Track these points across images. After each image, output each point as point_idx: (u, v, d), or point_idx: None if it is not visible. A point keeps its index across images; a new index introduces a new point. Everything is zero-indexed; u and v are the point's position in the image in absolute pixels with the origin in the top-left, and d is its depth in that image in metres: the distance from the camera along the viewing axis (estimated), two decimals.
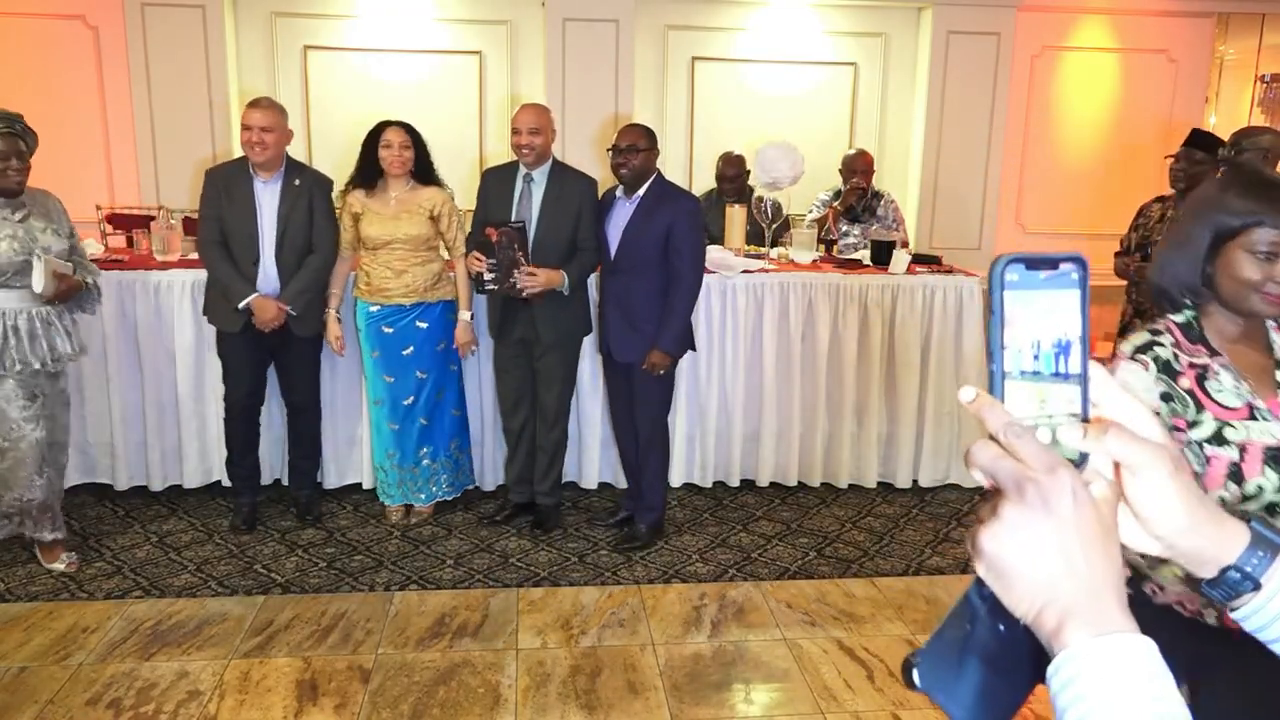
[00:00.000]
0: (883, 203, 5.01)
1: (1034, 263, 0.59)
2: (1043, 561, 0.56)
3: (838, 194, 5.04)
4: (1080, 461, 0.59)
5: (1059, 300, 0.59)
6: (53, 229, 3.31)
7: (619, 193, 3.64)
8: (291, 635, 3.09)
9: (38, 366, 3.26)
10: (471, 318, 3.82)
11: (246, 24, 5.44)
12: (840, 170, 4.94)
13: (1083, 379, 0.60)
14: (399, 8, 5.50)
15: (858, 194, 4.90)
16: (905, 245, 4.91)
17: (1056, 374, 0.59)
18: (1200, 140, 3.86)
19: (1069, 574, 0.56)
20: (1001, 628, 0.58)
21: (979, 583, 0.60)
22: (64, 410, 3.50)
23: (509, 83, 5.64)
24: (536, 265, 3.55)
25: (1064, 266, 0.59)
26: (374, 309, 3.75)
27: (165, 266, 3.97)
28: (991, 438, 0.59)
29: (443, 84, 5.62)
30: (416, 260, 3.71)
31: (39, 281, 3.18)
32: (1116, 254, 4.15)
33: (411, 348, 3.77)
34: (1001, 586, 0.58)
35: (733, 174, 4.80)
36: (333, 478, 4.19)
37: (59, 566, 3.48)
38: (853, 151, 5.02)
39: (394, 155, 3.63)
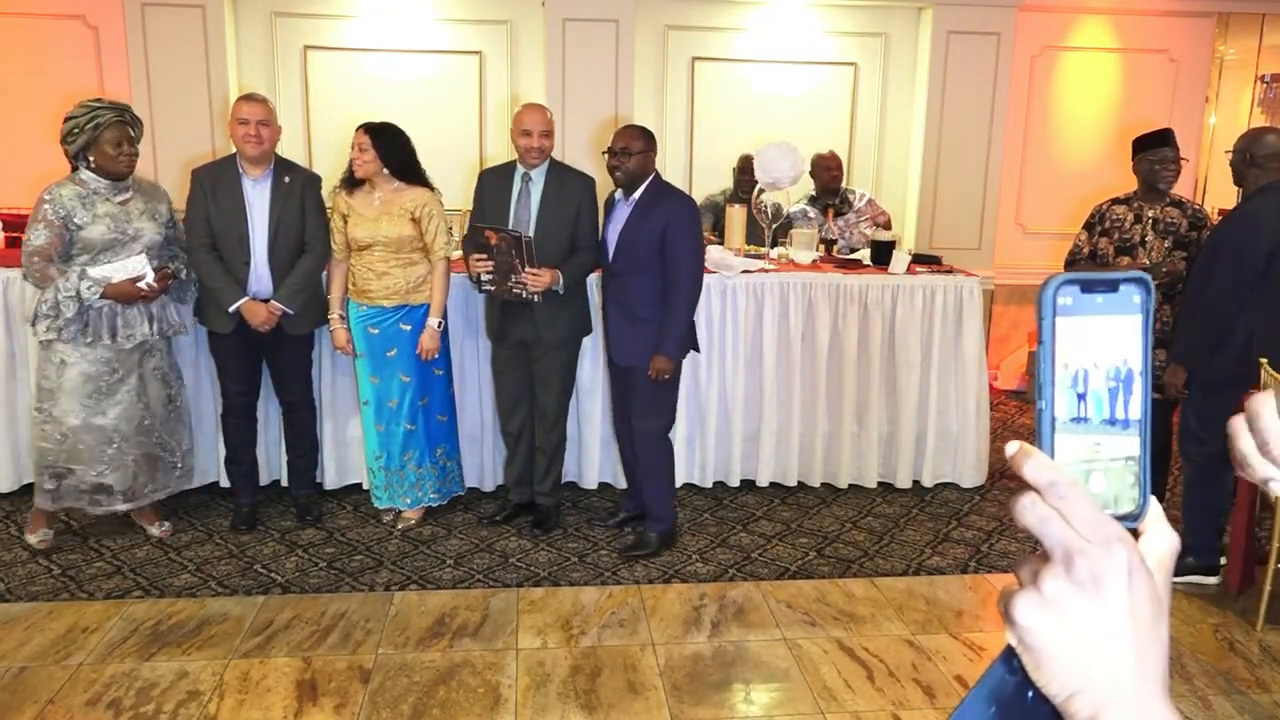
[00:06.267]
0: (855, 195, 5.09)
1: (1090, 285, 0.52)
2: (1084, 646, 0.50)
3: (812, 199, 5.11)
4: (1140, 512, 0.53)
5: (1117, 328, 0.52)
6: (149, 216, 3.51)
7: (618, 194, 3.64)
8: (291, 635, 3.09)
9: (107, 341, 3.45)
10: (439, 325, 3.73)
11: (246, 24, 5.44)
12: (811, 172, 5.00)
13: (1143, 421, 0.53)
14: (399, 8, 5.50)
15: (831, 192, 5.07)
16: (888, 226, 5.06)
17: (1113, 418, 0.52)
18: (1165, 140, 3.84)
19: (1112, 663, 0.50)
20: (1030, 695, 0.53)
21: (1009, 653, 0.53)
22: (158, 387, 3.65)
23: (509, 83, 5.64)
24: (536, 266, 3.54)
25: (1124, 288, 0.52)
26: (361, 309, 3.73)
27: None
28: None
29: (443, 84, 5.62)
30: (398, 262, 3.66)
31: (147, 275, 3.46)
32: (1069, 262, 4.07)
33: (395, 350, 3.74)
34: (1032, 662, 0.52)
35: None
36: (332, 478, 4.19)
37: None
38: (825, 152, 5.14)
39: (354, 156, 3.61)
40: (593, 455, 4.27)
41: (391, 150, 3.61)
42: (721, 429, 4.31)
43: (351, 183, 3.68)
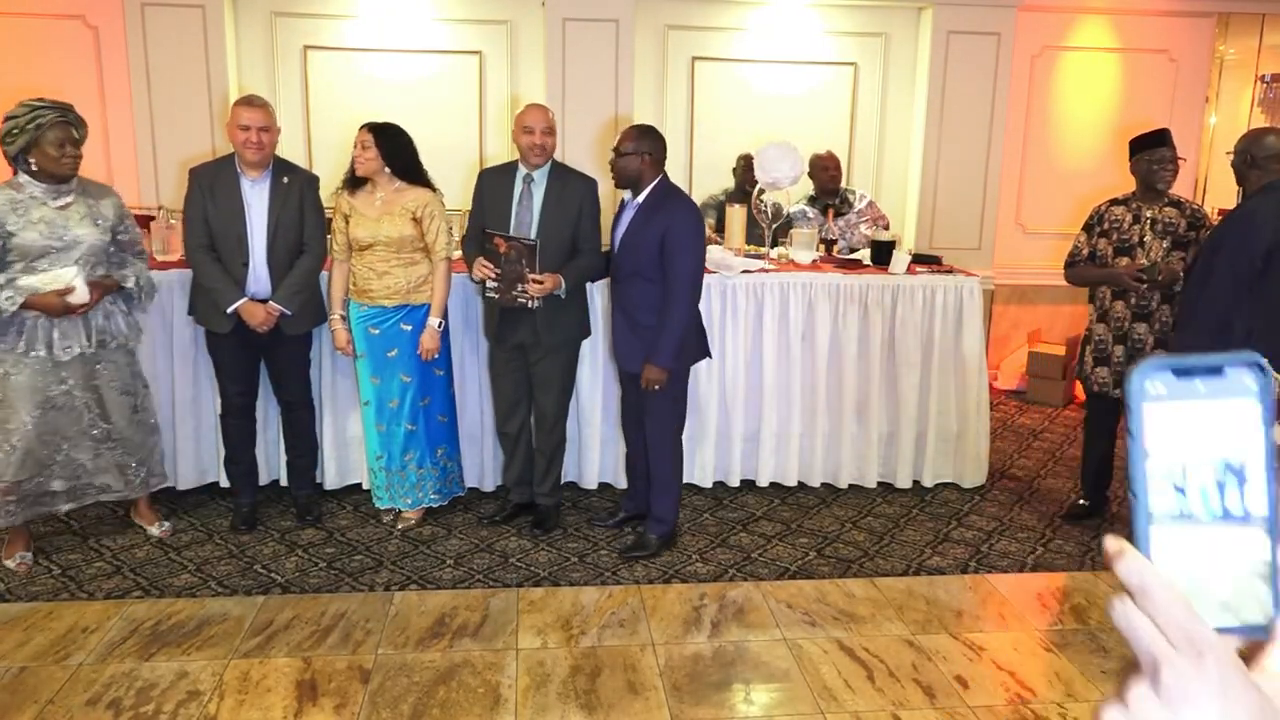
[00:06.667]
0: (855, 195, 5.12)
1: (1187, 370, 0.46)
2: None
3: (811, 200, 5.12)
4: (1269, 623, 0.47)
5: (1229, 415, 0.47)
6: (91, 220, 3.36)
7: (626, 195, 3.62)
8: (291, 635, 3.09)
9: (43, 353, 3.32)
10: (440, 325, 3.72)
11: (246, 24, 5.44)
12: (809, 173, 5.01)
13: (1272, 520, 0.47)
14: (399, 8, 5.50)
15: (830, 193, 5.10)
16: (887, 226, 5.10)
17: (1227, 515, 0.47)
18: (1162, 140, 3.86)
19: None
20: None
21: None
22: (116, 398, 3.52)
23: (509, 83, 5.64)
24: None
25: (1231, 372, 0.46)
26: (362, 309, 3.73)
27: (165, 266, 3.95)
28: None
29: (443, 84, 5.62)
30: (399, 262, 3.65)
31: (78, 287, 3.29)
32: (1069, 264, 4.06)
33: (396, 350, 3.73)
34: None
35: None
36: (333, 478, 4.19)
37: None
38: (822, 152, 5.17)
39: (356, 155, 3.61)
40: (593, 455, 4.27)
41: (394, 150, 3.61)
42: (721, 429, 4.31)
43: (353, 183, 3.68)
